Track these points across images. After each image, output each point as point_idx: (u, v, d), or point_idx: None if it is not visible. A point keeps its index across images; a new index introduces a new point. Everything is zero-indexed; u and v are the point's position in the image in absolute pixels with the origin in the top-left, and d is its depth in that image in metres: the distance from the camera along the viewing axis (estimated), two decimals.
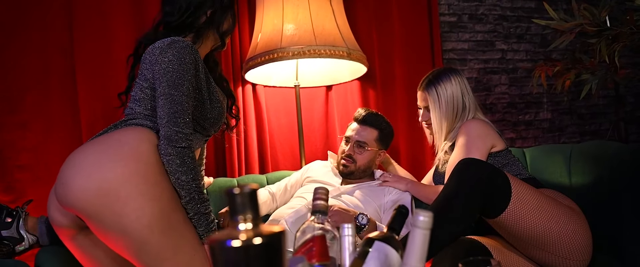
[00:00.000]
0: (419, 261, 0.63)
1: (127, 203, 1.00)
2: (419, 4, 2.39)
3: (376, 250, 0.73)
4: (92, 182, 0.99)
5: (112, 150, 1.04)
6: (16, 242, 1.24)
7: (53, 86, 1.90)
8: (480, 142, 1.51)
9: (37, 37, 1.88)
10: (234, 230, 0.44)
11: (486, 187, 1.22)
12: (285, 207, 1.67)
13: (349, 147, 1.72)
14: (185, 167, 1.07)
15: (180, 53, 1.11)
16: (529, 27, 2.72)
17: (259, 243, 0.42)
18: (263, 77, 2.11)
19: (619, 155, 1.51)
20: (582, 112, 2.82)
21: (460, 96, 1.60)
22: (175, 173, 1.07)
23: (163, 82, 1.10)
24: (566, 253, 1.26)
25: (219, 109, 1.26)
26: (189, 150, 1.09)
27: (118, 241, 1.04)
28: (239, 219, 0.44)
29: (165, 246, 1.03)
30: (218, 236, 0.44)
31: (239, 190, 0.44)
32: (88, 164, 1.02)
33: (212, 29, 1.31)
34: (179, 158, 1.07)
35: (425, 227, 0.64)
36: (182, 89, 1.10)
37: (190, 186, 1.08)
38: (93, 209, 1.00)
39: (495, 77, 2.65)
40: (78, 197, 1.00)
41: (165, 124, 1.08)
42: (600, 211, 1.46)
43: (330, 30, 1.87)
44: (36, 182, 1.85)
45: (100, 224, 1.03)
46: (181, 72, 1.10)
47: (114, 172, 1.00)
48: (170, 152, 1.06)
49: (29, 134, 1.86)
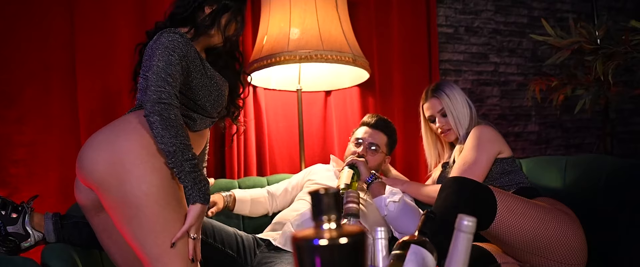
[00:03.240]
0: (462, 264, 0.65)
1: (130, 171, 1.06)
2: (418, 14, 2.44)
3: (413, 253, 0.75)
4: (101, 153, 1.08)
5: (119, 127, 1.14)
6: (22, 238, 1.21)
7: (52, 81, 1.86)
8: (489, 146, 1.57)
9: (37, 31, 1.84)
10: (318, 229, 0.46)
11: (472, 202, 1.25)
12: (289, 210, 1.67)
13: (362, 149, 1.75)
14: (167, 123, 1.07)
15: (167, 39, 1.15)
16: (521, 42, 2.81)
17: (345, 243, 0.44)
18: (262, 80, 2.12)
19: (614, 168, 1.57)
20: (567, 126, 2.92)
21: (465, 98, 1.71)
22: (158, 134, 1.07)
23: (151, 63, 1.14)
24: (560, 257, 1.29)
25: (218, 92, 1.30)
26: (170, 107, 1.09)
27: (117, 210, 1.09)
28: (324, 219, 0.46)
29: (157, 218, 1.06)
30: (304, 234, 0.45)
31: (324, 191, 0.46)
32: (98, 140, 1.12)
33: (216, 29, 1.32)
34: (159, 115, 1.08)
35: (469, 231, 0.66)
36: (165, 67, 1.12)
37: (172, 141, 1.07)
38: (101, 178, 1.08)
39: (488, 89, 2.72)
40: (89, 169, 1.09)
41: (147, 93, 1.11)
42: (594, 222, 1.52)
43: (336, 36, 1.89)
44: (31, 178, 1.80)
45: (106, 192, 1.09)
46: (164, 55, 1.13)
47: (119, 144, 1.08)
48: (153, 111, 1.08)
49: (25, 128, 1.81)
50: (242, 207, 1.75)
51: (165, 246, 1.06)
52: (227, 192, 1.73)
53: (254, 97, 2.15)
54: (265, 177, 1.98)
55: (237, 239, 1.53)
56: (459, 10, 2.67)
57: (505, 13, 2.78)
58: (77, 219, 1.30)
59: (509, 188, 1.56)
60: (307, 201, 1.67)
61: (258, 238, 1.58)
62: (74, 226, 1.28)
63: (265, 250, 1.52)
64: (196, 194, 1.09)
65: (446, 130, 1.72)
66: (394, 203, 1.54)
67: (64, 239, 1.27)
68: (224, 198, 1.70)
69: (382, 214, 1.55)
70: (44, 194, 1.75)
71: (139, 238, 1.07)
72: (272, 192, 1.83)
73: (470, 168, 1.57)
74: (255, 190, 1.82)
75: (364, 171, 1.60)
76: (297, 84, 2.07)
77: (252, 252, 1.52)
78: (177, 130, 1.08)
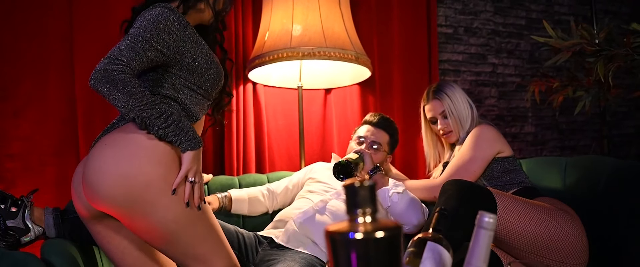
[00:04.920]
0: (483, 261, 0.65)
1: (153, 204, 1.02)
2: (418, 14, 2.44)
3: (430, 250, 0.74)
4: (118, 189, 1.00)
5: (130, 151, 1.03)
6: (22, 233, 1.19)
7: (50, 74, 1.83)
8: (486, 145, 1.57)
9: (35, 23, 1.81)
10: (353, 223, 0.45)
11: (472, 204, 1.23)
12: (291, 208, 1.66)
13: (364, 147, 1.75)
14: (117, 85, 0.98)
15: (152, 12, 1.08)
16: (519, 43, 2.83)
17: (381, 236, 0.43)
18: (262, 77, 2.10)
19: (614, 169, 1.58)
20: (562, 128, 2.94)
21: (465, 98, 1.71)
22: (114, 99, 0.99)
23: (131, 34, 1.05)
24: (561, 256, 1.30)
25: (217, 70, 1.22)
26: (118, 70, 0.99)
27: (145, 236, 1.07)
28: (358, 212, 0.45)
29: (191, 238, 1.07)
30: (339, 228, 0.44)
31: (359, 184, 0.45)
32: (109, 170, 1.01)
33: (205, 3, 1.25)
34: (105, 77, 0.98)
35: (491, 228, 0.66)
36: (134, 39, 1.04)
37: (131, 105, 0.99)
38: (122, 213, 1.04)
39: (486, 89, 2.73)
40: (107, 201, 1.02)
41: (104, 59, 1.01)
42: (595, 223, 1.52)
43: (339, 33, 1.88)
44: (27, 173, 1.77)
45: (128, 221, 1.06)
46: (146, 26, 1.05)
47: (137, 180, 1.01)
48: (99, 77, 0.98)
49: (22, 122, 1.78)
50: (240, 207, 1.73)
51: (207, 252, 1.09)
52: (223, 193, 1.71)
53: (253, 94, 2.13)
54: (266, 174, 1.96)
55: (238, 236, 1.51)
56: (458, 10, 2.68)
57: (504, 14, 2.80)
58: (77, 214, 1.28)
59: (511, 187, 1.56)
60: (309, 200, 1.66)
61: (260, 236, 1.57)
62: (75, 221, 1.26)
63: (268, 248, 1.50)
64: (185, 144, 1.05)
65: (447, 132, 1.72)
66: (397, 194, 1.55)
67: (64, 234, 1.24)
68: (219, 199, 1.67)
69: (385, 205, 1.56)
70: (41, 188, 1.71)
71: (178, 255, 1.09)
72: (272, 190, 1.81)
73: (465, 166, 1.58)
74: (253, 189, 1.80)
75: (368, 161, 1.62)
76: (298, 82, 2.06)
77: (254, 250, 1.51)
78: (132, 87, 0.99)
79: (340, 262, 0.44)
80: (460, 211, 1.20)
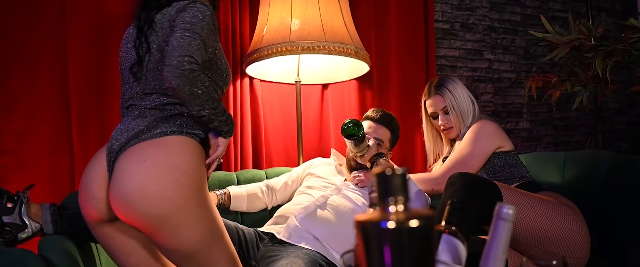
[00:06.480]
0: (503, 252, 0.64)
1: (185, 227, 1.04)
2: (416, 10, 2.44)
3: (445, 242, 0.73)
4: (157, 210, 1.01)
5: (177, 181, 1.02)
6: (19, 229, 1.16)
7: (42, 67, 1.78)
8: (486, 140, 1.57)
9: (26, 14, 1.76)
10: (384, 212, 0.43)
11: (479, 197, 1.24)
12: (292, 204, 1.64)
13: None
14: (198, 83, 1.01)
15: (201, 9, 1.08)
16: (514, 39, 2.84)
17: (415, 226, 0.42)
18: (260, 72, 2.08)
19: (613, 164, 1.59)
20: (556, 124, 2.96)
21: (467, 93, 1.70)
22: (194, 97, 1.01)
23: (180, 27, 1.04)
24: (564, 250, 1.30)
25: (228, 69, 1.23)
26: (198, 72, 1.02)
27: (169, 248, 1.07)
28: (390, 201, 0.43)
29: (213, 254, 1.09)
30: (370, 217, 0.43)
31: (391, 172, 0.43)
32: (156, 196, 1.01)
33: None
34: (188, 79, 0.99)
35: (509, 220, 0.65)
36: (198, 36, 1.04)
37: (204, 107, 1.05)
38: (151, 229, 1.04)
39: (482, 85, 2.74)
40: (140, 220, 1.03)
41: (173, 54, 1.00)
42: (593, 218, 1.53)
43: (338, 28, 1.86)
44: (20, 168, 1.73)
45: (156, 236, 1.05)
46: (201, 24, 1.06)
47: (176, 203, 1.02)
48: (177, 74, 0.99)
49: (13, 117, 1.74)
50: (239, 204, 1.71)
51: None
52: (222, 190, 1.69)
53: (250, 89, 2.11)
54: (264, 170, 1.94)
55: (238, 233, 1.49)
56: (454, 6, 2.68)
57: (500, 10, 2.80)
58: (75, 210, 1.25)
59: (512, 181, 1.56)
60: (309, 195, 1.65)
61: (260, 232, 1.55)
62: (73, 217, 1.23)
63: (269, 243, 1.49)
64: (227, 131, 1.15)
65: (448, 128, 1.72)
66: None
67: (62, 230, 1.21)
68: (217, 197, 1.65)
69: None
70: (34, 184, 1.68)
71: None
72: (271, 186, 1.79)
73: (463, 161, 1.58)
74: (251, 185, 1.78)
75: (373, 146, 1.62)
76: (296, 76, 2.04)
77: (255, 246, 1.49)
78: (206, 94, 1.05)
79: (372, 252, 0.42)
80: (468, 204, 1.20)
